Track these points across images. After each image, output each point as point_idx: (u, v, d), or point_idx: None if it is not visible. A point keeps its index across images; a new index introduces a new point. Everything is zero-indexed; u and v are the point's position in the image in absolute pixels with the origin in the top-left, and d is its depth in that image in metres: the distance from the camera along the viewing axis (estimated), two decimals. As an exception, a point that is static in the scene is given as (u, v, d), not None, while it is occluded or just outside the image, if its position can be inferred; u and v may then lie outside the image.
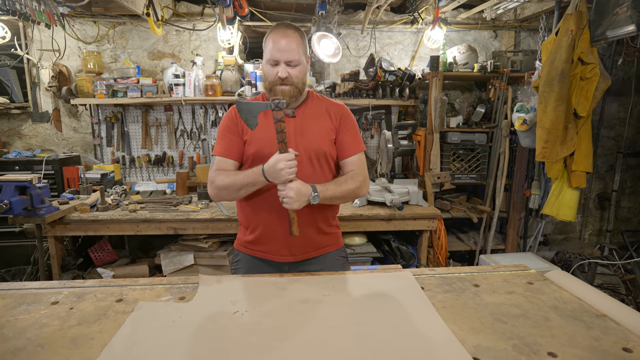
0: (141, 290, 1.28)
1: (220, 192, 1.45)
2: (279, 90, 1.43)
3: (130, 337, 0.99)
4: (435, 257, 3.09)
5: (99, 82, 3.24)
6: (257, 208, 1.53)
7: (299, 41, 1.44)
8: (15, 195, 2.24)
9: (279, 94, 1.43)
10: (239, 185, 1.41)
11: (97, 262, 3.01)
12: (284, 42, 1.40)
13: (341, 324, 1.06)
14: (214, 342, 0.98)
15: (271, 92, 1.46)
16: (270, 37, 1.44)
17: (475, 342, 0.98)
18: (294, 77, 1.43)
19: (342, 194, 1.46)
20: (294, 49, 1.41)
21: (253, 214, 1.55)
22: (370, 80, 3.40)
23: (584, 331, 1.03)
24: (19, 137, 3.61)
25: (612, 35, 2.36)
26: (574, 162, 2.67)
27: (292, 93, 1.45)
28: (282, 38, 1.40)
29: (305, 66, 1.47)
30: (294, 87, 1.44)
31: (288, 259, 1.55)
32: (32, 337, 1.00)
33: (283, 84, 1.43)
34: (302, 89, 1.49)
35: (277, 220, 1.50)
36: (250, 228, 1.57)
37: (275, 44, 1.41)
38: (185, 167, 3.62)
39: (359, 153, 1.55)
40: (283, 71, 1.41)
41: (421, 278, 1.37)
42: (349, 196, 1.50)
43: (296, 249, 1.54)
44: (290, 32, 1.43)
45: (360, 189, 1.51)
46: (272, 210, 1.49)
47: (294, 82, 1.43)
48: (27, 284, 1.32)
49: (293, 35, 1.42)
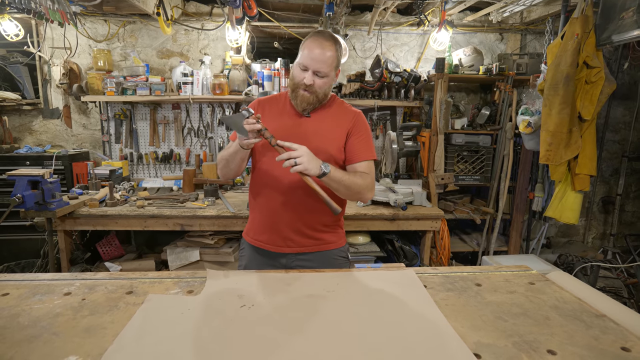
0: (150, 283, 1.31)
1: (220, 166, 1.59)
2: (300, 95, 1.48)
3: (141, 328, 1.02)
4: (438, 257, 3.11)
5: (109, 79, 3.28)
6: (258, 197, 1.60)
7: (333, 54, 1.46)
8: (27, 190, 2.29)
9: (299, 98, 1.48)
10: (227, 156, 1.53)
11: (105, 257, 3.06)
12: (318, 52, 1.43)
13: (345, 319, 1.09)
14: (220, 334, 1.01)
15: (293, 92, 1.50)
16: (307, 42, 1.47)
17: (476, 338, 1.00)
18: (318, 87, 1.47)
19: (349, 183, 1.45)
20: (325, 61, 1.44)
21: (255, 202, 1.62)
22: (376, 81, 3.42)
23: (584, 330, 1.05)
24: (29, 132, 3.67)
25: (618, 40, 2.37)
26: (577, 165, 2.67)
27: (311, 101, 1.49)
28: (318, 48, 1.43)
29: (332, 79, 1.50)
30: (314, 96, 1.48)
31: (284, 250, 1.58)
32: (47, 325, 1.04)
33: (306, 90, 1.46)
34: (322, 99, 1.53)
35: (277, 208, 1.54)
36: (253, 214, 1.65)
37: (309, 52, 1.44)
38: (192, 165, 3.66)
39: (369, 160, 1.56)
40: (309, 79, 1.44)
41: (424, 276, 1.39)
42: (354, 190, 1.47)
43: (292, 242, 1.57)
44: (328, 44, 1.45)
45: (366, 190, 1.51)
46: (271, 199, 1.55)
47: (317, 91, 1.47)
48: (40, 276, 1.35)
49: (329, 48, 1.44)
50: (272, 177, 1.53)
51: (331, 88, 1.55)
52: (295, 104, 1.52)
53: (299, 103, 1.50)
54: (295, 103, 1.52)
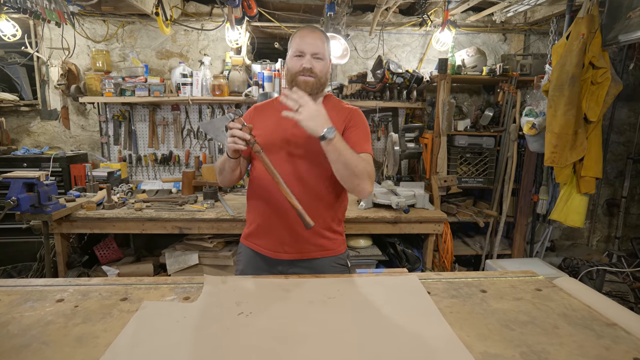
0: (146, 289, 1.27)
1: (216, 174, 1.60)
2: (301, 81, 1.44)
3: (134, 337, 0.99)
4: (441, 261, 3.07)
5: (107, 80, 3.26)
6: (257, 200, 1.57)
7: (325, 40, 1.50)
8: (23, 192, 2.25)
9: (302, 85, 1.43)
10: (219, 165, 1.54)
11: (103, 260, 3.03)
12: (311, 37, 1.46)
13: (346, 327, 1.05)
14: (217, 343, 0.97)
15: (293, 83, 1.46)
16: (296, 34, 1.49)
17: (482, 349, 0.97)
18: (318, 71, 1.45)
19: (350, 159, 1.33)
20: (319, 45, 1.46)
21: (254, 205, 1.60)
22: (378, 82, 3.39)
23: (594, 340, 1.01)
24: (27, 134, 3.64)
25: (625, 40, 2.33)
26: (583, 168, 2.63)
27: (315, 86, 1.46)
28: (310, 34, 1.47)
29: (327, 64, 1.51)
30: (317, 80, 1.46)
31: (281, 256, 1.55)
32: (37, 334, 1.00)
33: (307, 75, 1.44)
34: (324, 86, 1.51)
35: (274, 213, 1.52)
36: (250, 220, 1.62)
37: (302, 39, 1.46)
38: (191, 167, 3.63)
39: (367, 154, 1.47)
40: (308, 62, 1.43)
41: (427, 282, 1.36)
42: (352, 170, 1.34)
43: (289, 247, 1.53)
44: (317, 30, 1.50)
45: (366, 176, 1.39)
46: (270, 202, 1.52)
47: (318, 75, 1.46)
48: (32, 281, 1.32)
49: (320, 34, 1.49)
50: (269, 181, 1.47)
51: (328, 75, 1.53)
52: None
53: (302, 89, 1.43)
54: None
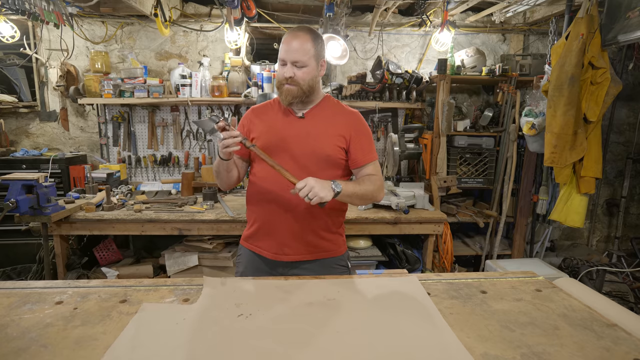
0: (145, 291, 1.27)
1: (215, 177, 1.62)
2: (284, 90, 1.47)
3: (134, 339, 0.98)
4: (441, 261, 3.06)
5: (107, 82, 3.25)
6: (257, 202, 1.58)
7: (310, 44, 1.44)
8: (21, 194, 2.25)
9: (284, 93, 1.47)
10: (215, 168, 1.56)
11: (102, 262, 3.02)
12: (294, 43, 1.43)
13: (346, 329, 1.05)
14: (217, 345, 0.97)
15: (279, 90, 1.50)
16: (283, 39, 1.47)
17: (482, 350, 0.97)
18: (300, 79, 1.44)
19: (362, 193, 1.47)
20: (301, 50, 1.42)
21: (254, 208, 1.60)
22: (377, 83, 3.38)
23: (594, 341, 1.01)
24: (26, 135, 3.63)
25: (624, 40, 2.33)
26: (583, 168, 2.63)
27: (297, 94, 1.46)
28: (293, 39, 1.43)
29: (313, 69, 1.47)
30: (298, 88, 1.45)
31: (281, 258, 1.55)
32: (36, 337, 1.00)
33: (289, 83, 1.45)
34: (309, 92, 1.49)
35: (274, 215, 1.53)
36: (251, 222, 1.63)
37: (285, 45, 1.44)
38: (190, 168, 3.62)
39: (375, 161, 1.57)
40: (289, 71, 1.44)
41: (427, 283, 1.36)
42: (367, 197, 1.50)
43: (290, 249, 1.54)
44: (302, 34, 1.44)
45: (378, 193, 1.52)
46: (270, 205, 1.53)
47: (299, 83, 1.45)
48: (31, 283, 1.32)
49: (304, 37, 1.44)
50: (268, 182, 1.51)
51: (317, 80, 1.51)
52: (282, 100, 1.50)
53: (284, 98, 1.48)
54: (282, 99, 1.50)
